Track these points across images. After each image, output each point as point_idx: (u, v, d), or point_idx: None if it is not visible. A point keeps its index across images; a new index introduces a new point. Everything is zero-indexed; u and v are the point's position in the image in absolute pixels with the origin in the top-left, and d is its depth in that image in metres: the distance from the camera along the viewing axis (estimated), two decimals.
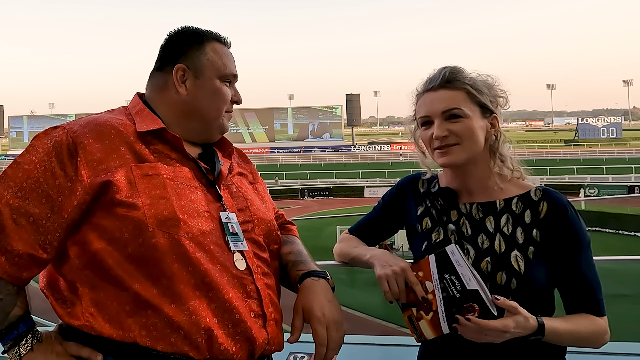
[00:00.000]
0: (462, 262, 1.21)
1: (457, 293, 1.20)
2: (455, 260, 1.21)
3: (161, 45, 1.30)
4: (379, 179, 45.91)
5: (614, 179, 41.10)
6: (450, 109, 1.30)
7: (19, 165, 1.11)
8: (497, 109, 1.35)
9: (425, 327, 1.25)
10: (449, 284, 1.21)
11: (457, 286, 1.20)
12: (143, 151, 1.16)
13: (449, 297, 1.21)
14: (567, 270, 1.27)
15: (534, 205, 1.30)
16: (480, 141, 1.32)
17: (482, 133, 1.32)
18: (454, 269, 1.21)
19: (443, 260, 1.23)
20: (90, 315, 1.09)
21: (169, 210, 1.10)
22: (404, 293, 1.27)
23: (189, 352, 1.07)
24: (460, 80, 1.32)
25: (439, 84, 1.33)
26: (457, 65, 1.36)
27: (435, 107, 1.32)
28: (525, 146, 73.68)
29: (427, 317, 1.24)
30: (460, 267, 1.21)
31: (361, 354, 2.25)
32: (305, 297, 1.23)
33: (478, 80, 1.33)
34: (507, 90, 1.37)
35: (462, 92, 1.31)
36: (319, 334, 1.19)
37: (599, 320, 1.26)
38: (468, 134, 1.30)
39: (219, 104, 1.29)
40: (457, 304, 1.19)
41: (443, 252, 1.23)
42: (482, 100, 1.32)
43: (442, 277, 1.23)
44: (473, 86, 1.31)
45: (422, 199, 1.46)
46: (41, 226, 1.08)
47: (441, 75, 1.33)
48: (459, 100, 1.30)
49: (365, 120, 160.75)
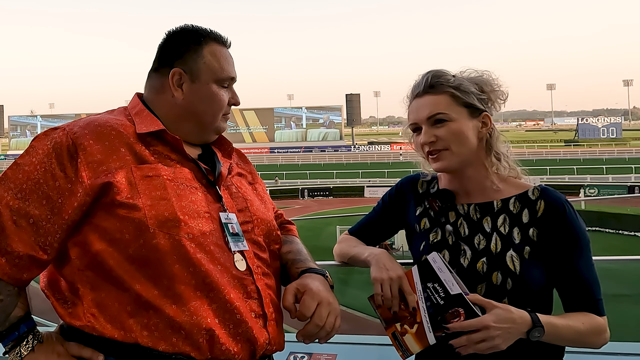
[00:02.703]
0: (444, 268, 1.22)
1: (441, 300, 1.20)
2: (437, 267, 1.22)
3: (159, 45, 1.29)
4: (379, 179, 45.90)
5: (614, 179, 41.07)
6: (434, 114, 1.31)
7: (19, 167, 1.11)
8: (489, 106, 1.35)
9: (411, 340, 1.24)
10: (432, 292, 1.22)
11: (441, 293, 1.20)
12: (143, 152, 1.16)
13: (434, 306, 1.21)
14: (565, 270, 1.27)
15: (532, 205, 1.30)
16: (471, 142, 1.32)
17: (473, 133, 1.32)
18: (436, 277, 1.22)
19: (425, 270, 1.24)
20: (91, 315, 1.09)
21: (170, 211, 1.10)
22: (397, 300, 1.27)
23: (191, 352, 1.08)
24: (444, 84, 1.32)
25: (423, 90, 1.34)
26: (440, 69, 1.36)
27: (421, 114, 1.33)
28: (525, 146, 73.67)
29: (412, 330, 1.24)
30: (443, 273, 1.21)
31: (360, 354, 2.25)
32: (302, 279, 1.23)
33: (464, 80, 1.33)
34: (503, 84, 1.36)
35: (446, 96, 1.31)
36: (306, 304, 1.16)
37: (598, 319, 1.25)
38: (455, 138, 1.30)
39: (215, 109, 1.28)
40: (442, 312, 1.19)
41: (425, 262, 1.25)
42: (469, 100, 1.31)
43: (425, 286, 1.23)
44: (458, 88, 1.32)
45: (421, 199, 1.46)
46: (41, 227, 1.08)
47: (424, 81, 1.34)
48: (442, 105, 1.31)
49: (365, 120, 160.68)
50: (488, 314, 1.16)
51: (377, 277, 1.29)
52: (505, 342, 1.15)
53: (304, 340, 1.18)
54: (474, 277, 1.27)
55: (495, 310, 1.16)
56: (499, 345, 1.15)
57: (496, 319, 1.15)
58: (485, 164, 1.35)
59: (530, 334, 1.17)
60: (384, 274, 1.29)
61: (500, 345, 1.15)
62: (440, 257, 1.24)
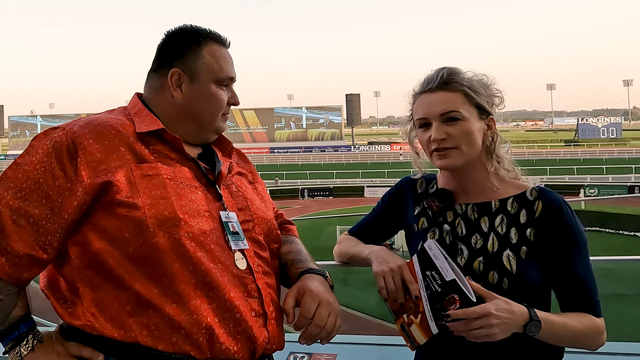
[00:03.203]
0: (439, 255, 1.21)
1: (439, 287, 1.19)
2: (433, 255, 1.22)
3: (158, 45, 1.29)
4: (379, 179, 45.90)
5: (614, 179, 41.06)
6: (448, 111, 1.29)
7: (19, 166, 1.11)
8: (493, 109, 1.35)
9: (416, 331, 1.24)
10: (431, 280, 1.21)
11: (438, 280, 1.20)
12: (143, 151, 1.16)
13: (433, 294, 1.20)
14: (563, 271, 1.27)
15: (529, 205, 1.30)
16: (478, 143, 1.32)
17: (480, 135, 1.32)
18: (433, 265, 1.21)
19: (424, 258, 1.24)
20: (91, 315, 1.09)
21: (170, 210, 1.10)
22: (401, 291, 1.26)
23: (190, 351, 1.08)
24: (458, 82, 1.31)
25: (437, 86, 1.32)
26: (455, 66, 1.35)
27: (433, 109, 1.31)
28: (525, 146, 73.66)
29: (417, 321, 1.24)
30: (439, 260, 1.21)
31: (360, 354, 2.25)
32: (301, 281, 1.24)
33: (475, 81, 1.33)
34: (502, 90, 1.36)
35: (460, 94, 1.30)
36: (306, 305, 1.17)
37: (596, 320, 1.25)
38: (466, 137, 1.29)
39: (214, 109, 1.28)
40: (440, 299, 1.19)
41: (422, 250, 1.24)
42: (480, 101, 1.31)
43: (424, 275, 1.23)
44: (471, 87, 1.31)
45: (420, 199, 1.46)
46: (41, 227, 1.08)
47: (439, 77, 1.32)
48: (457, 103, 1.30)
49: (365, 120, 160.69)
50: (489, 302, 1.16)
51: (378, 270, 1.29)
52: (501, 332, 1.15)
53: (306, 342, 1.19)
54: (470, 276, 1.27)
55: (495, 300, 1.16)
56: (495, 334, 1.14)
57: (497, 307, 1.14)
58: (486, 165, 1.35)
59: (526, 328, 1.17)
60: (384, 266, 1.29)
61: (497, 334, 1.14)
62: (436, 244, 1.23)
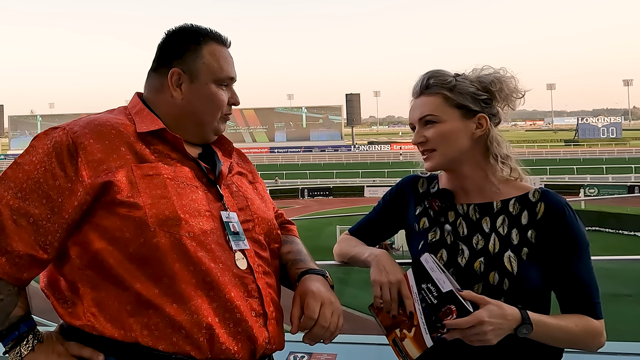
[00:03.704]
0: (435, 268, 1.23)
1: (435, 299, 1.20)
2: (429, 267, 1.24)
3: (158, 45, 1.29)
4: (379, 179, 45.91)
5: (614, 179, 41.09)
6: (424, 115, 1.34)
7: (19, 166, 1.11)
8: (491, 106, 1.34)
9: (410, 345, 1.24)
10: (427, 293, 1.22)
11: (434, 292, 1.21)
12: (144, 151, 1.16)
13: (428, 306, 1.21)
14: (564, 272, 1.26)
15: (532, 207, 1.30)
16: (460, 143, 1.32)
17: (464, 134, 1.32)
18: (429, 277, 1.23)
19: (419, 271, 1.25)
20: (91, 315, 1.09)
21: (170, 210, 1.10)
22: (396, 304, 1.27)
23: (191, 351, 1.08)
24: (437, 85, 1.34)
25: (419, 91, 1.37)
26: (440, 69, 1.37)
27: (414, 115, 1.38)
28: (525, 146, 73.68)
29: (410, 334, 1.24)
30: (435, 272, 1.22)
31: (360, 354, 2.25)
32: (302, 285, 1.24)
33: (465, 81, 1.33)
34: (520, 82, 1.34)
35: (438, 97, 1.33)
36: (310, 306, 1.17)
37: (594, 322, 1.24)
38: (442, 139, 1.32)
39: (214, 109, 1.27)
40: (436, 311, 1.19)
41: (418, 263, 1.26)
42: (461, 102, 1.32)
43: (420, 288, 1.24)
44: (452, 89, 1.32)
45: (421, 199, 1.46)
46: (41, 227, 1.08)
47: (420, 82, 1.37)
48: (433, 106, 1.33)
49: (365, 120, 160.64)
50: (481, 309, 1.16)
51: (377, 279, 1.30)
52: (496, 337, 1.16)
53: (309, 342, 1.19)
54: (471, 276, 1.28)
55: (488, 306, 1.17)
56: (490, 340, 1.15)
57: (489, 314, 1.15)
58: (482, 165, 1.35)
59: (517, 330, 1.18)
60: (384, 277, 1.29)
61: (492, 340, 1.15)
62: (433, 257, 1.25)
